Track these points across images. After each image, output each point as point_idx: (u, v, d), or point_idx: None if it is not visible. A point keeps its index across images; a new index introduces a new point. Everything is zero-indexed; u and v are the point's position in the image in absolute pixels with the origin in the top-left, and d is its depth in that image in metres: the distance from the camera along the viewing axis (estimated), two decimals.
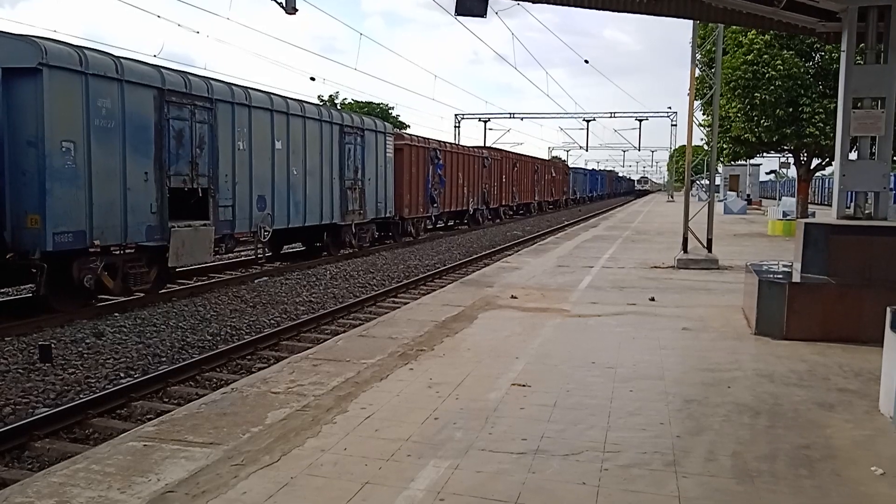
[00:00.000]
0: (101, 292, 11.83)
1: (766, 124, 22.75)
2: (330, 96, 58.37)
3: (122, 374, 8.31)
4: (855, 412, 5.33)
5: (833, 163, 11.11)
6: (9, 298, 12.41)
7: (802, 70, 22.00)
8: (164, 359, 9.04)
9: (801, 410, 5.36)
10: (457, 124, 58.82)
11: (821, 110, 21.58)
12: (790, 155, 27.82)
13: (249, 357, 9.27)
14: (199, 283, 14.73)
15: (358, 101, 58.18)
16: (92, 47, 11.59)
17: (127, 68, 11.71)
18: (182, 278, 15.11)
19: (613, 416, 5.17)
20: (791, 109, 22.36)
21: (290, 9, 14.75)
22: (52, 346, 9.03)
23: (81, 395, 7.45)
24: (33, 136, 10.29)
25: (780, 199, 36.16)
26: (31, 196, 10.32)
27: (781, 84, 21.65)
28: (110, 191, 11.41)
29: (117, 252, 11.94)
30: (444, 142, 30.86)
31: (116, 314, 11.40)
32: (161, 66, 12.92)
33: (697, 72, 16.50)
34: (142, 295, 12.54)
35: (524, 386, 5.88)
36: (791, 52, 21.95)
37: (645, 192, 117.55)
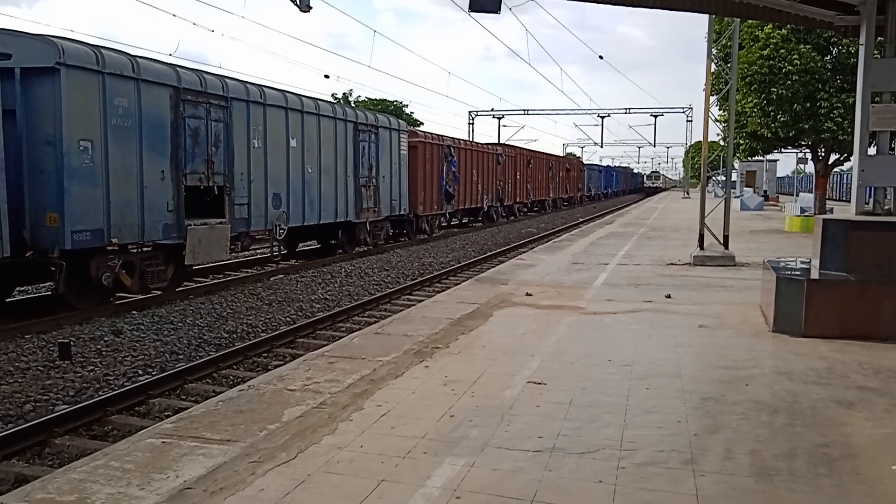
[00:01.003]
0: (118, 290, 11.93)
1: (782, 119, 22.54)
2: (344, 94, 58.51)
3: (140, 372, 8.38)
4: (875, 410, 5.27)
5: (851, 158, 11.00)
6: (28, 296, 12.55)
7: (820, 64, 21.76)
8: (181, 356, 9.11)
9: (820, 408, 5.31)
10: (471, 121, 58.83)
11: (838, 105, 21.35)
12: (807, 150, 27.55)
13: (266, 354, 9.31)
14: (216, 281, 14.82)
15: (372, 99, 58.25)
16: (108, 46, 11.69)
17: (143, 67, 11.78)
18: (199, 276, 15.21)
19: (630, 414, 5.15)
20: (808, 104, 22.14)
21: (305, 6, 14.76)
22: (72, 343, 9.11)
23: (100, 393, 7.52)
24: (51, 135, 10.39)
25: (797, 195, 35.80)
26: (50, 195, 10.42)
27: (798, 79, 21.44)
28: (127, 189, 11.50)
29: (135, 250, 12.04)
30: (458, 139, 30.83)
31: (134, 312, 11.50)
32: (177, 65, 13.00)
33: (713, 67, 16.39)
34: (159, 293, 12.64)
35: (540, 384, 5.87)
36: (808, 47, 21.72)
37: (656, 190, 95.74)
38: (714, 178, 49.74)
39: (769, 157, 40.19)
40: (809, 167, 32.06)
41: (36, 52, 10.33)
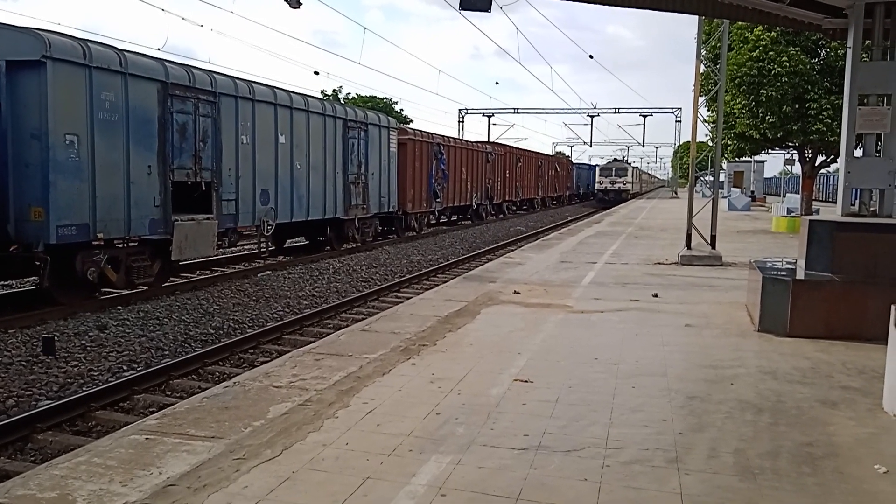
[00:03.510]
0: (104, 285, 11.85)
1: (771, 121, 22.67)
2: (333, 90, 58.27)
3: (124, 367, 8.33)
4: (858, 410, 5.31)
5: (838, 159, 11.08)
6: (12, 291, 12.43)
7: (808, 66, 21.90)
8: (166, 352, 9.05)
9: (804, 408, 5.34)
10: (460, 119, 58.76)
11: (827, 107, 21.50)
12: (795, 151, 27.72)
13: (252, 351, 9.27)
14: (202, 277, 14.74)
15: (361, 96, 58.06)
16: (95, 40, 11.57)
17: (130, 61, 11.69)
18: (185, 272, 15.13)
19: (616, 413, 5.16)
20: (797, 106, 22.29)
21: (295, 3, 14.71)
22: (56, 338, 9.04)
23: (84, 388, 7.46)
24: (37, 129, 10.29)
25: (784, 196, 36.04)
26: (35, 189, 10.32)
27: (787, 80, 21.57)
28: (114, 184, 11.41)
29: (121, 245, 11.95)
30: (447, 136, 30.81)
31: (120, 307, 11.41)
32: (164, 60, 12.91)
33: (703, 68, 16.45)
34: (145, 288, 12.56)
35: (526, 382, 5.88)
36: (797, 49, 21.85)
37: (621, 197, 54.40)
38: (702, 178, 49.97)
39: (757, 157, 40.43)
40: (796, 168, 32.26)
41: (22, 45, 10.22)
